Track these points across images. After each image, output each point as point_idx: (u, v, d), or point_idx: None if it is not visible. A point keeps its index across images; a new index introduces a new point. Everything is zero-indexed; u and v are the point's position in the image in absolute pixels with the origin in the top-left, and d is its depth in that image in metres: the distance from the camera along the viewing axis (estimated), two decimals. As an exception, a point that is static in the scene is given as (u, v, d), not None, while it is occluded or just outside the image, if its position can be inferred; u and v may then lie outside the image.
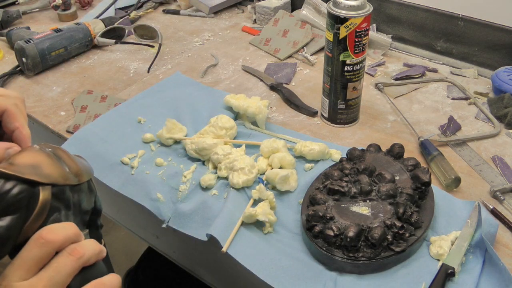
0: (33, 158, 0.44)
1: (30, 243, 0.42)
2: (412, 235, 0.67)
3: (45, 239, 0.42)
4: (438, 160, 0.81)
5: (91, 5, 1.44)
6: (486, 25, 1.04)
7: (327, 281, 0.65)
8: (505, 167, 0.82)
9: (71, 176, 0.46)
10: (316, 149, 0.82)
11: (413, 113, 0.97)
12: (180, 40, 1.26)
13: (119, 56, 1.20)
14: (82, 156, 0.86)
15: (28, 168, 0.43)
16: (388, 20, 1.18)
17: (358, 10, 0.81)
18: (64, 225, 0.44)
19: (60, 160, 0.47)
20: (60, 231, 0.43)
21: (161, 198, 0.78)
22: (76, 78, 1.11)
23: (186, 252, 0.93)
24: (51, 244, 0.42)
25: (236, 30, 1.30)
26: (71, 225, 0.44)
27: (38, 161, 0.44)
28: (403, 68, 1.11)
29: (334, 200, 0.70)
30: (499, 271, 0.63)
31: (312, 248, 0.68)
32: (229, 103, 0.92)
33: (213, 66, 1.14)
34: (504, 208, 0.75)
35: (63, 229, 0.43)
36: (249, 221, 0.72)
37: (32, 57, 1.08)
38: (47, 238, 0.42)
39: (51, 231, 0.42)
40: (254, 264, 0.67)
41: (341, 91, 0.89)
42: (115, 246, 1.95)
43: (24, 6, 1.41)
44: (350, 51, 0.84)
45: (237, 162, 0.78)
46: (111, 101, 1.01)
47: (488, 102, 0.98)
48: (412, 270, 0.66)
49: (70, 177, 0.46)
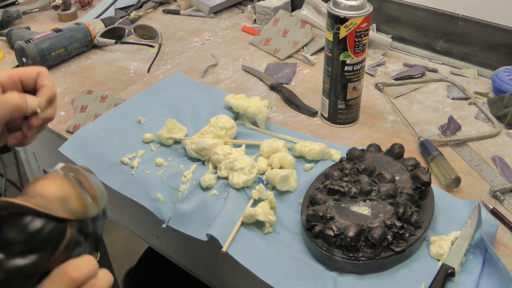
0: (60, 189, 0.44)
1: (54, 279, 0.41)
2: (412, 235, 0.67)
3: (70, 277, 0.41)
4: (438, 160, 0.81)
5: (91, 5, 1.44)
6: (486, 25, 1.04)
7: (327, 281, 0.65)
8: (505, 167, 0.82)
9: (93, 206, 0.46)
10: (316, 149, 0.82)
11: (413, 113, 0.97)
12: (180, 40, 1.26)
13: (119, 56, 1.20)
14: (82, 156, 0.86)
15: (57, 203, 0.42)
16: (388, 20, 1.18)
17: (358, 10, 0.81)
18: (87, 260, 0.43)
19: (82, 187, 0.46)
20: (84, 267, 0.42)
21: (161, 198, 0.78)
22: (76, 78, 1.11)
23: (186, 252, 0.93)
24: (76, 282, 0.42)
25: (236, 30, 1.30)
26: (92, 260, 0.44)
27: (65, 193, 0.44)
28: (403, 68, 1.11)
29: (334, 200, 0.70)
30: (499, 271, 0.63)
31: (312, 248, 0.68)
32: (229, 103, 0.92)
33: (213, 66, 1.14)
34: (504, 208, 0.76)
35: (86, 265, 0.43)
36: (249, 221, 0.72)
37: (32, 57, 1.08)
38: (73, 276, 0.41)
39: (76, 268, 0.42)
40: (254, 264, 0.67)
41: (341, 91, 0.89)
42: (115, 246, 1.95)
43: (24, 6, 1.41)
44: (350, 51, 0.84)
45: (237, 162, 0.78)
46: (111, 101, 1.01)
47: (488, 102, 0.98)
48: (412, 270, 0.66)
49: (92, 208, 0.46)
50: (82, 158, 0.86)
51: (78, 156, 0.86)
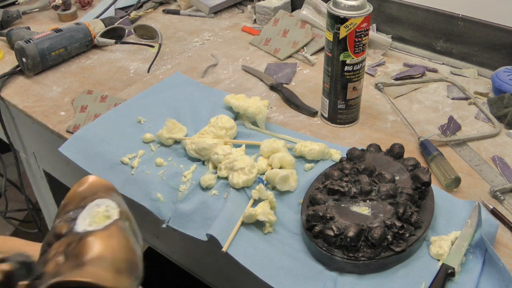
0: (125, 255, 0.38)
1: None
2: (412, 235, 0.67)
3: None
4: (438, 160, 0.81)
5: (91, 5, 1.44)
6: (486, 25, 1.04)
7: (327, 281, 0.65)
8: (505, 167, 0.82)
9: (141, 269, 0.41)
10: (316, 149, 0.82)
11: (413, 113, 0.97)
12: (180, 40, 1.26)
13: (119, 56, 1.20)
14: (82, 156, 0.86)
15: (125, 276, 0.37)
16: (388, 20, 1.18)
17: (358, 10, 0.81)
18: None
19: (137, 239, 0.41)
20: None
21: (161, 198, 0.78)
22: (76, 78, 1.11)
23: (186, 252, 0.93)
24: None
25: (236, 30, 1.30)
26: None
27: (129, 260, 0.38)
28: (403, 68, 1.11)
29: (334, 200, 0.70)
30: (499, 271, 0.63)
31: (312, 248, 0.68)
32: (229, 103, 0.92)
33: (213, 66, 1.14)
34: (504, 208, 0.75)
35: None
36: (249, 221, 0.72)
37: (32, 57, 1.08)
38: None
39: None
40: (254, 264, 0.67)
41: (341, 91, 0.89)
42: (115, 246, 1.95)
43: (24, 6, 1.41)
44: (350, 51, 0.84)
45: (237, 162, 0.78)
46: (111, 101, 1.01)
47: (488, 102, 0.98)
48: (412, 270, 0.66)
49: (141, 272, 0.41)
50: (82, 158, 0.86)
51: (78, 156, 0.86)
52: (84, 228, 0.40)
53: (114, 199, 0.42)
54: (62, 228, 0.41)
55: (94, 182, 0.44)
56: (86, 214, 0.41)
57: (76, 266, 0.36)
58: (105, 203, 0.41)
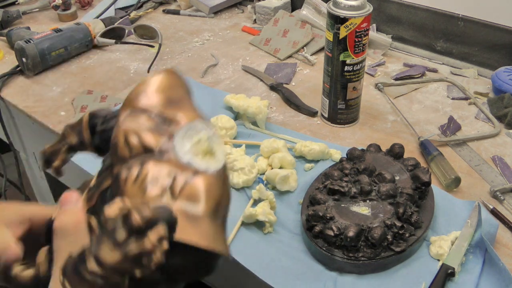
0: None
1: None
2: (412, 235, 0.67)
3: None
4: (438, 160, 0.81)
5: (91, 5, 1.44)
6: (486, 25, 1.04)
7: (327, 281, 0.65)
8: (505, 167, 0.82)
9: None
10: (316, 149, 0.82)
11: (413, 113, 0.97)
12: (180, 40, 1.26)
13: (119, 56, 1.20)
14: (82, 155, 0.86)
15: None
16: (388, 20, 1.18)
17: (358, 10, 0.81)
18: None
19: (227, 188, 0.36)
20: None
21: (161, 198, 0.77)
22: (76, 78, 1.11)
23: (186, 252, 0.93)
24: None
25: (236, 30, 1.30)
26: None
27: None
28: (403, 68, 1.11)
29: (334, 200, 0.70)
30: (499, 271, 0.63)
31: (312, 248, 0.68)
32: (229, 103, 0.92)
33: (213, 66, 1.14)
34: (504, 208, 0.75)
35: None
36: (249, 221, 0.72)
37: (32, 57, 1.08)
38: None
39: None
40: (254, 264, 0.67)
41: (341, 91, 0.89)
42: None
43: (24, 6, 1.41)
44: (350, 51, 0.84)
45: (237, 162, 0.78)
46: (111, 101, 1.01)
47: (488, 102, 0.98)
48: (412, 270, 0.66)
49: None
50: (82, 158, 0.86)
51: (78, 156, 0.86)
52: (189, 159, 0.34)
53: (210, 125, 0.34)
54: (150, 138, 0.33)
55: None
56: (185, 135, 0.34)
57: (192, 221, 0.31)
58: (205, 129, 0.34)
